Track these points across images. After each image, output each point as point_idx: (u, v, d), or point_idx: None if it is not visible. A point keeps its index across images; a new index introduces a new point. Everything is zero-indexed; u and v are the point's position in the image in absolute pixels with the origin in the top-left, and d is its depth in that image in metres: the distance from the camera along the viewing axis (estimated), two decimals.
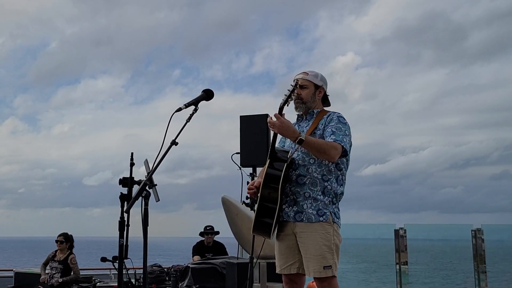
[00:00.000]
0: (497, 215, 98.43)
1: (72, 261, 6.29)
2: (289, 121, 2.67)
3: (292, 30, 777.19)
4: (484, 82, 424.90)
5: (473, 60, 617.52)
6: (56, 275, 6.19)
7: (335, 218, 2.71)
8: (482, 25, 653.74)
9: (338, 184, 2.77)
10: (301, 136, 2.60)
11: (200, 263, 5.28)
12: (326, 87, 2.97)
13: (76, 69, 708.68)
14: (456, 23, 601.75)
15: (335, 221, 2.71)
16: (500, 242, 8.67)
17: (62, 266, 6.24)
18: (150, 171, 2.96)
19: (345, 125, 2.78)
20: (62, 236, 6.41)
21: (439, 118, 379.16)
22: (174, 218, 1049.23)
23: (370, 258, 20.07)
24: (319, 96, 2.93)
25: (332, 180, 2.74)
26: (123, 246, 3.02)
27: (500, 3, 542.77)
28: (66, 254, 6.35)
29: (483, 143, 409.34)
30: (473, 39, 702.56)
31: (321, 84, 2.93)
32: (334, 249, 2.65)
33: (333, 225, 2.68)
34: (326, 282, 2.61)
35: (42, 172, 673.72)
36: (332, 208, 2.71)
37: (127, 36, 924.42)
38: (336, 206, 2.76)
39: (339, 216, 2.75)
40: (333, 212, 2.71)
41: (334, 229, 2.68)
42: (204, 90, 2.93)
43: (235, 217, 4.63)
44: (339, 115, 2.83)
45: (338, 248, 2.69)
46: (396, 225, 6.93)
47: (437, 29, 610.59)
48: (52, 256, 6.43)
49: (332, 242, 2.65)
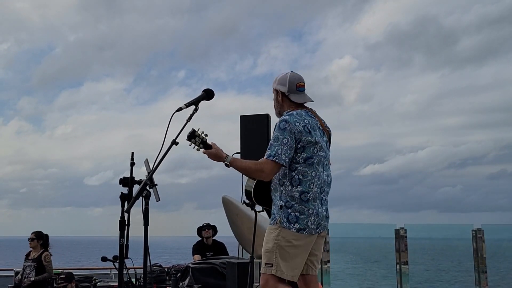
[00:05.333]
0: (497, 214, 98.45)
1: (46, 259, 6.23)
2: (215, 149, 2.77)
3: (295, 32, 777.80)
4: (478, 84, 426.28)
5: (463, 65, 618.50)
6: (31, 274, 6.14)
7: (284, 222, 2.65)
8: (472, 31, 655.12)
9: (293, 186, 2.68)
10: (226, 161, 2.74)
11: (201, 263, 5.28)
12: (284, 87, 2.85)
13: (79, 73, 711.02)
14: (447, 28, 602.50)
15: (284, 225, 2.65)
16: (500, 241, 8.68)
17: (35, 264, 6.19)
18: (151, 171, 2.96)
19: (284, 131, 2.66)
20: (34, 234, 6.36)
21: (436, 119, 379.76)
22: (175, 217, 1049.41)
23: (370, 257, 20.00)
24: (280, 99, 2.88)
25: (287, 183, 2.70)
26: (124, 245, 3.02)
27: (491, 10, 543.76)
28: (39, 252, 6.30)
29: (481, 143, 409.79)
30: (464, 44, 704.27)
31: (276, 87, 2.88)
32: (276, 249, 2.65)
33: (281, 228, 2.66)
34: (264, 279, 2.68)
35: (44, 172, 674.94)
36: (284, 212, 2.67)
37: (129, 42, 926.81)
38: (294, 210, 2.66)
39: (294, 221, 2.64)
40: (284, 216, 2.66)
41: (281, 232, 2.66)
42: (205, 90, 2.93)
43: (236, 217, 4.64)
44: (281, 119, 2.73)
45: (284, 250, 2.65)
46: (397, 225, 6.92)
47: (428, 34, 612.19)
48: (26, 255, 6.40)
49: (274, 243, 2.66)
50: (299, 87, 2.86)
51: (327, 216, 2.79)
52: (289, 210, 2.66)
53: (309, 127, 2.71)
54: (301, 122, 2.71)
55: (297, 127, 2.67)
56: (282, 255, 2.65)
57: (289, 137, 2.65)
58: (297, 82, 2.86)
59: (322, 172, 2.76)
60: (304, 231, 2.65)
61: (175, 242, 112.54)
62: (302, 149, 2.69)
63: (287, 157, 2.64)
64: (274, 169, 2.65)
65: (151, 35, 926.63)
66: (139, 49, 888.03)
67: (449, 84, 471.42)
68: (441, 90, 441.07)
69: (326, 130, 2.87)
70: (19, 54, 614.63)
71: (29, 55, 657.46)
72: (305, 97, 2.88)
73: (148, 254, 3.01)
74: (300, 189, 2.67)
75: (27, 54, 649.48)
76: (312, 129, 2.72)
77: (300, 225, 2.64)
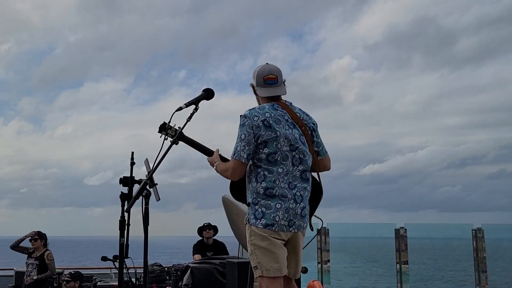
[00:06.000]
0: (496, 214, 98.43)
1: (49, 258, 6.37)
2: (212, 157, 2.86)
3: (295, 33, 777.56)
4: (478, 84, 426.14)
5: (462, 65, 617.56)
6: (33, 272, 6.25)
7: (251, 219, 2.56)
8: (471, 31, 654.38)
9: (258, 182, 2.57)
10: (214, 167, 2.80)
11: (201, 263, 5.28)
12: (254, 80, 2.77)
13: (79, 73, 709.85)
14: (446, 29, 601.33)
15: (251, 222, 2.56)
16: (500, 241, 8.68)
17: (38, 262, 6.31)
18: (151, 171, 2.97)
19: (242, 127, 2.59)
20: (36, 233, 6.48)
21: (436, 119, 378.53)
22: (175, 217, 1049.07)
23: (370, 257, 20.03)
24: (254, 93, 2.81)
25: (253, 180, 2.61)
26: (124, 245, 3.02)
27: (490, 10, 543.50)
28: (42, 251, 6.43)
29: (481, 143, 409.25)
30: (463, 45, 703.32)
31: (252, 81, 2.81)
32: (253, 250, 2.57)
33: (250, 226, 2.58)
34: (258, 282, 2.58)
35: (44, 172, 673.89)
36: (251, 209, 2.59)
37: (129, 43, 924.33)
38: (261, 206, 2.55)
39: (260, 217, 2.54)
40: (251, 213, 2.58)
41: (251, 230, 2.57)
42: (205, 89, 2.93)
43: (236, 216, 4.64)
44: (241, 115, 2.65)
45: (260, 247, 2.54)
46: (397, 225, 6.93)
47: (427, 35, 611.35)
48: (30, 252, 6.49)
49: (250, 244, 2.59)
50: (267, 80, 2.70)
51: (302, 215, 2.61)
52: (256, 207, 2.56)
53: (270, 120, 2.57)
54: (261, 116, 2.58)
55: (255, 122, 2.56)
56: (260, 253, 2.55)
57: (247, 132, 2.56)
58: (265, 75, 2.71)
59: (291, 168, 2.59)
60: (273, 227, 2.52)
61: (175, 242, 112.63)
62: (264, 144, 2.56)
63: (245, 153, 2.56)
64: (236, 167, 2.60)
65: (151, 35, 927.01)
66: (139, 49, 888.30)
67: (448, 84, 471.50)
68: (440, 90, 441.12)
69: (301, 123, 2.69)
70: (19, 54, 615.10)
71: (30, 55, 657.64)
72: (271, 91, 2.71)
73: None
74: (264, 185, 2.55)
75: (27, 55, 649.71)
76: (275, 122, 2.57)
77: (266, 221, 2.52)
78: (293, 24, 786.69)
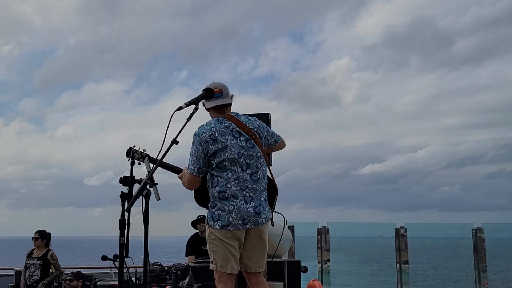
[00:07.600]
0: (496, 214, 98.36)
1: (53, 257, 6.35)
2: (180, 174, 3.13)
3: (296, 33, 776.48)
4: (475, 85, 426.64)
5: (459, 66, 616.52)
6: (36, 272, 6.21)
7: (210, 221, 2.89)
8: (468, 33, 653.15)
9: (213, 187, 2.89)
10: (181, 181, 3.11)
11: (201, 262, 5.28)
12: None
13: (80, 75, 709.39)
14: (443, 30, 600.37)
15: (210, 224, 2.89)
16: (500, 240, 8.69)
17: (41, 262, 6.27)
18: (151, 170, 2.97)
19: (193, 144, 2.90)
20: (38, 233, 6.46)
21: (435, 119, 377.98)
22: (175, 217, 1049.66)
23: (370, 256, 20.01)
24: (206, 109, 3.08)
25: (210, 186, 2.93)
26: (124, 244, 3.03)
27: (487, 12, 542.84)
28: (44, 251, 6.39)
29: (480, 143, 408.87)
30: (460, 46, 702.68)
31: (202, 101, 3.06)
32: (210, 247, 2.91)
33: (209, 228, 2.91)
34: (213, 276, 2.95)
35: (44, 172, 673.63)
36: (209, 211, 2.91)
37: (130, 44, 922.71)
38: (218, 208, 2.86)
39: (217, 219, 2.86)
40: (210, 216, 2.90)
41: (210, 231, 2.90)
42: (205, 89, 2.94)
43: None
44: (194, 133, 2.92)
45: (216, 246, 2.88)
46: (397, 224, 6.93)
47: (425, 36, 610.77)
48: (28, 254, 6.45)
49: (209, 242, 2.92)
50: (215, 93, 2.99)
51: (257, 212, 2.88)
52: (213, 209, 2.88)
53: (216, 134, 2.86)
54: (208, 131, 2.86)
55: (204, 138, 2.85)
56: (216, 252, 2.88)
57: (196, 148, 2.88)
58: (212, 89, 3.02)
59: (241, 172, 2.89)
60: (228, 227, 2.84)
61: (175, 242, 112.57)
62: (214, 155, 2.86)
63: (195, 167, 2.89)
64: (190, 180, 2.94)
65: (151, 37, 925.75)
66: (139, 51, 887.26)
67: (446, 85, 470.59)
68: (438, 90, 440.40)
69: (247, 129, 2.95)
70: (21, 56, 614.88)
71: (31, 57, 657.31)
72: (216, 102, 3.00)
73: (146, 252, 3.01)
74: (218, 189, 2.87)
75: (28, 56, 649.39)
76: (220, 134, 2.86)
77: (222, 222, 2.84)
78: (293, 26, 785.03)
